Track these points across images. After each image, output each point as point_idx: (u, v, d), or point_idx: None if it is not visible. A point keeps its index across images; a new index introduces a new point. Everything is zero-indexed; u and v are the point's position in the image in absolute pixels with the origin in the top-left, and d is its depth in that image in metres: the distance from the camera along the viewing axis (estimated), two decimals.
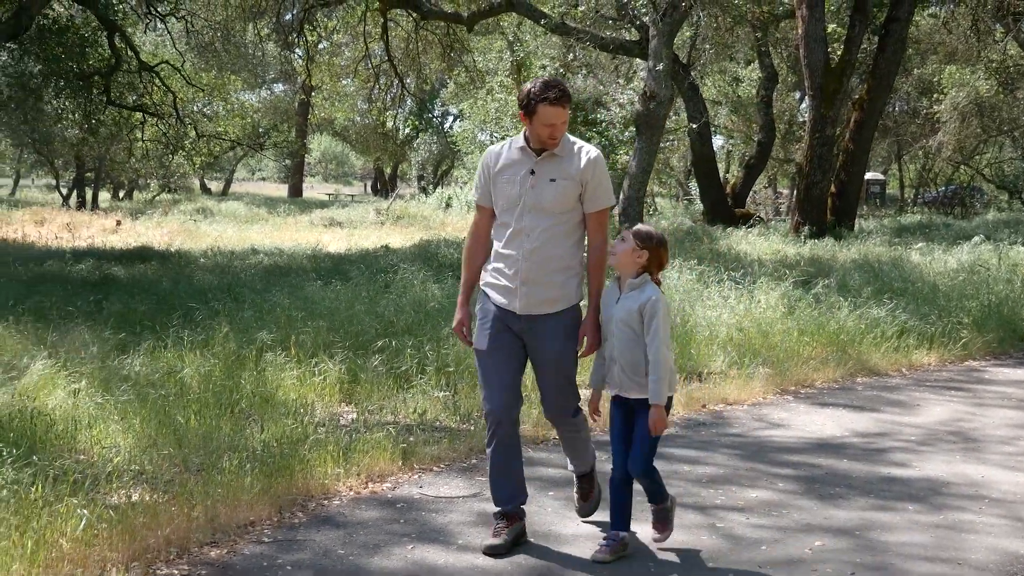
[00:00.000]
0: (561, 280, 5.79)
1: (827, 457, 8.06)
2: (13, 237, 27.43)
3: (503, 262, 5.87)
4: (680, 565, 5.79)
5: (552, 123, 5.68)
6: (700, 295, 12.70)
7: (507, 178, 5.85)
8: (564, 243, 5.80)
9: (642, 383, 5.60)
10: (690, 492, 7.10)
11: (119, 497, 6.23)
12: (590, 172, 5.81)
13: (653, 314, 5.56)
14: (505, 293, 5.85)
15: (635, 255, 5.65)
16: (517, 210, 5.79)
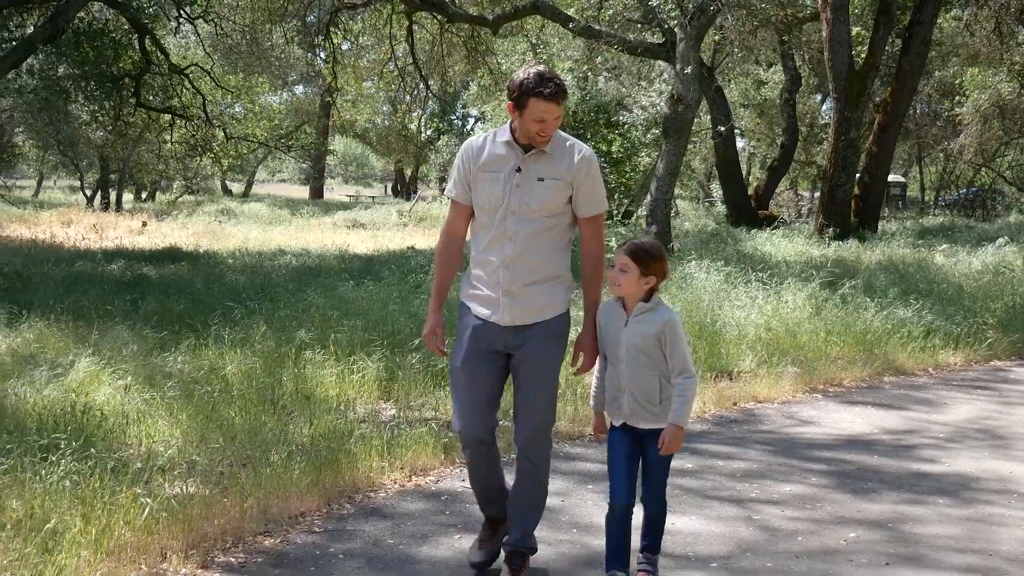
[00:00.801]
0: (546, 289, 5.32)
1: (858, 453, 8.24)
2: (42, 238, 27.72)
3: (483, 269, 5.39)
4: (719, 555, 5.97)
5: (543, 119, 5.14)
6: (728, 295, 12.85)
7: (490, 175, 5.33)
8: (550, 250, 5.31)
9: (656, 412, 5.17)
10: (725, 486, 7.29)
11: (174, 489, 6.43)
12: (583, 173, 5.30)
13: (675, 337, 5.15)
14: (486, 304, 5.37)
15: (642, 283, 5.15)
16: (500, 211, 5.29)
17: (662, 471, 5.33)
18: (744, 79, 40.32)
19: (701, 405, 9.58)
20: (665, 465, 5.32)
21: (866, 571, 5.74)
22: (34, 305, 12.94)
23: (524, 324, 5.32)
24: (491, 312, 5.34)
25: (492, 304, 5.34)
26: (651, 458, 5.27)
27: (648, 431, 5.22)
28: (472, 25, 27.41)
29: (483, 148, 5.41)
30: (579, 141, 5.42)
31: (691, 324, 11.31)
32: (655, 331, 5.12)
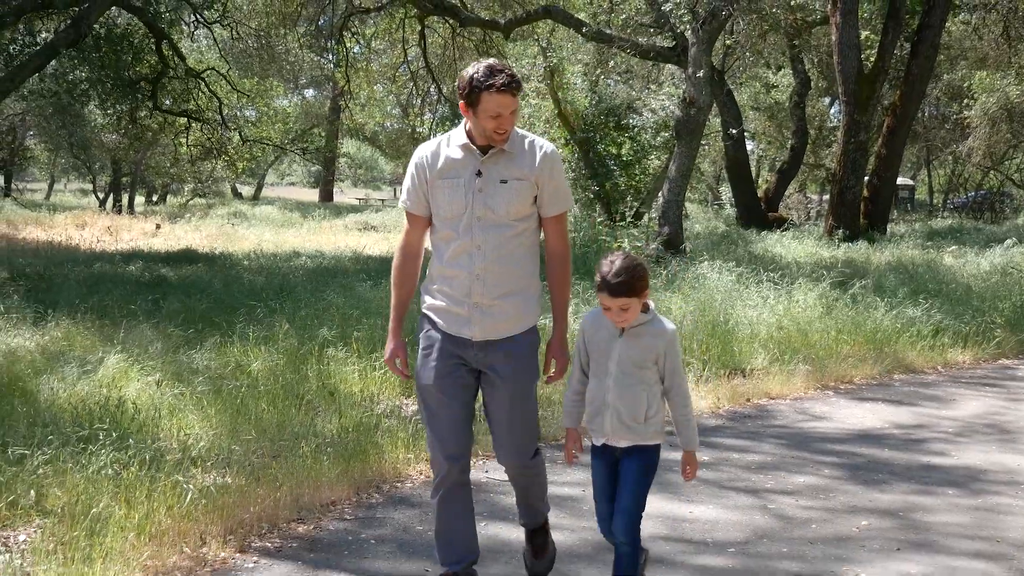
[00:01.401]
0: (519, 300, 5.02)
1: (868, 447, 8.46)
2: (58, 240, 28.01)
3: (448, 284, 5.00)
4: (737, 541, 6.20)
5: (499, 113, 4.79)
6: (740, 295, 13.06)
7: (448, 182, 4.99)
8: (521, 258, 5.03)
9: (638, 430, 4.84)
10: (741, 477, 7.52)
11: (210, 478, 6.67)
12: (547, 170, 4.99)
13: (677, 352, 4.85)
14: (454, 319, 5.00)
15: (642, 299, 4.78)
16: (463, 221, 4.94)
17: (637, 498, 4.90)
18: (753, 83, 40.49)
19: (715, 401, 9.83)
20: (641, 491, 4.91)
21: (878, 556, 5.96)
22: (58, 305, 13.19)
23: (495, 339, 5.00)
24: (460, 327, 4.99)
25: (461, 319, 4.98)
26: (626, 480, 4.90)
27: (627, 449, 4.90)
28: (484, 29, 27.63)
29: (438, 154, 5.05)
30: (539, 138, 5.09)
31: (704, 323, 11.54)
32: (655, 345, 4.79)
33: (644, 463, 4.88)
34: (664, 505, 6.79)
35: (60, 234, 29.92)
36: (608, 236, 17.95)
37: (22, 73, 16.74)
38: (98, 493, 6.02)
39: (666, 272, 14.44)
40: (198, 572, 5.61)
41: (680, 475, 5.16)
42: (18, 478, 6.32)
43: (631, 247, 17.46)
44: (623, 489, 4.89)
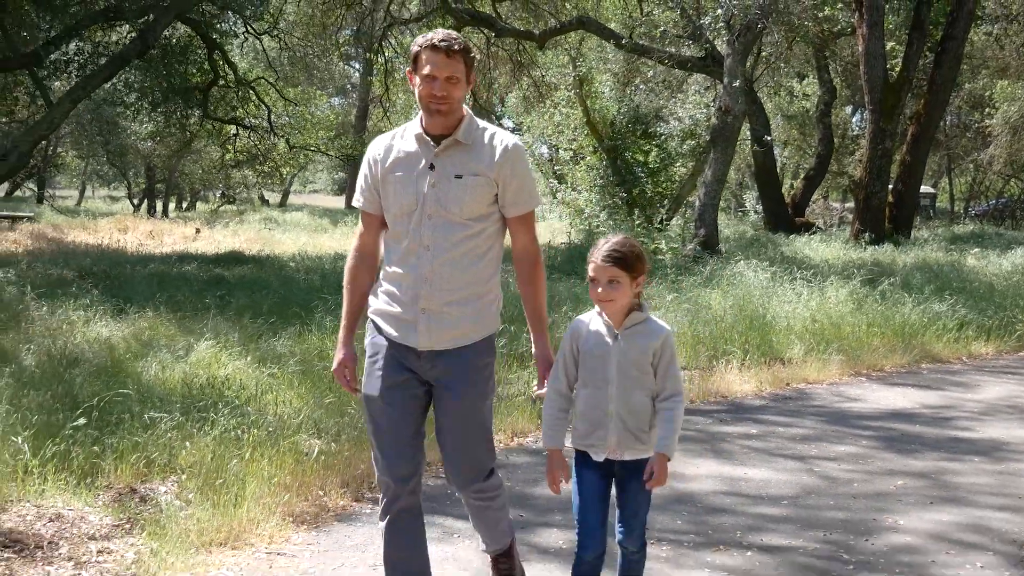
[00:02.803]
0: (474, 310, 4.58)
1: (901, 423, 9.30)
2: (106, 243, 28.95)
3: (396, 285, 4.60)
4: (788, 496, 7.04)
5: (432, 74, 4.39)
6: (775, 292, 13.87)
7: (399, 176, 4.57)
8: (476, 262, 4.56)
9: (643, 439, 4.46)
10: (787, 447, 8.36)
11: (319, 443, 7.52)
12: (508, 167, 4.54)
13: (672, 352, 4.50)
14: (400, 325, 4.58)
15: (634, 287, 4.46)
16: (414, 218, 4.52)
17: (644, 506, 4.59)
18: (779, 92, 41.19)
19: (758, 384, 10.67)
20: (647, 500, 4.58)
21: (913, 508, 6.79)
22: (133, 299, 14.05)
23: (444, 349, 4.56)
24: (406, 335, 4.56)
25: (407, 325, 4.56)
26: (631, 493, 4.54)
27: (629, 463, 4.51)
28: (518, 39, 28.44)
29: (391, 146, 4.66)
30: (502, 130, 4.66)
31: (743, 317, 12.37)
32: (652, 344, 4.44)
33: (644, 474, 4.43)
34: (720, 468, 7.66)
35: (105, 238, 30.84)
36: (645, 238, 18.77)
37: (93, 81, 17.69)
38: (227, 452, 6.89)
39: (706, 270, 15.25)
40: (323, 516, 6.48)
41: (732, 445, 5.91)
42: (150, 441, 7.18)
43: (668, 248, 18.31)
44: (630, 502, 4.54)
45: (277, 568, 5.63)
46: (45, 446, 6.76)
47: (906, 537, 6.21)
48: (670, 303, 12.78)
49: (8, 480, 6.45)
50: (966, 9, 24.34)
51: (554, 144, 39.63)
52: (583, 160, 34.37)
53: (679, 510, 6.71)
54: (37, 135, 17.52)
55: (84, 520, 6.16)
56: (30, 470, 6.54)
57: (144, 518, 6.09)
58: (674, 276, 14.74)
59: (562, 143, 36.95)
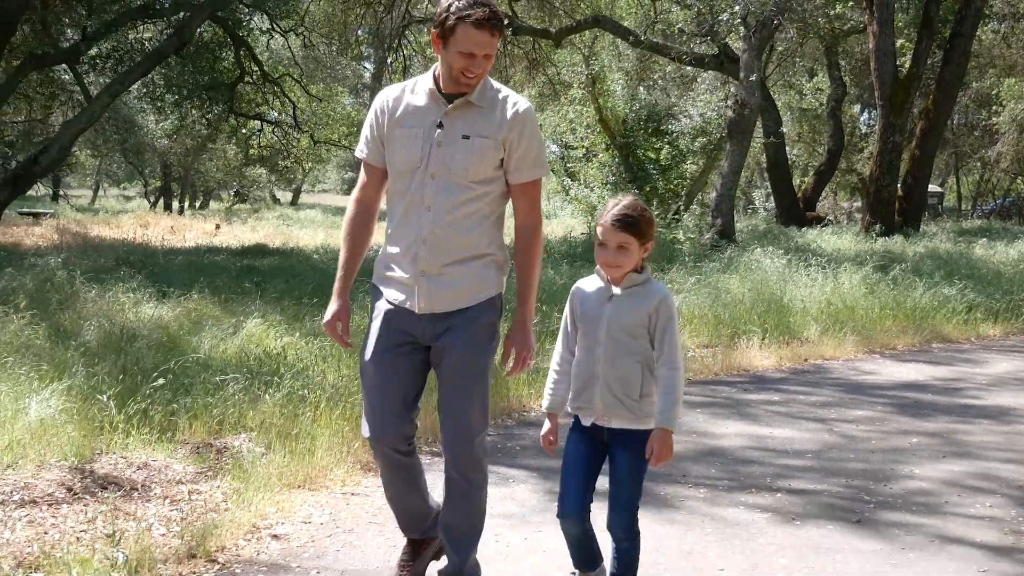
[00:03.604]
0: (474, 272, 4.48)
1: (913, 392, 9.90)
2: (129, 238, 29.57)
3: (397, 245, 4.53)
4: (812, 451, 7.64)
5: (471, 52, 4.26)
6: (791, 277, 14.46)
7: (406, 131, 4.47)
8: (478, 225, 4.46)
9: (631, 407, 4.30)
10: (808, 411, 8.96)
11: None
12: (517, 131, 4.43)
13: (670, 318, 4.30)
14: (400, 287, 4.51)
15: (642, 252, 4.33)
16: (417, 176, 4.43)
17: (633, 489, 4.37)
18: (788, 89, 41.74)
19: (778, 360, 11.26)
20: (637, 481, 4.38)
21: (927, 460, 7.39)
22: (173, 285, 14.65)
23: (445, 312, 4.47)
24: (405, 297, 4.49)
25: (407, 287, 4.48)
26: (621, 471, 4.36)
27: (618, 434, 4.36)
28: (534, 38, 28.98)
29: (400, 99, 4.53)
30: (515, 94, 4.56)
31: (761, 300, 12.96)
32: (648, 307, 4.28)
33: (639, 453, 4.29)
34: (746, 428, 8.28)
35: (127, 233, 31.46)
36: (662, 229, 19.39)
37: (131, 77, 18.33)
38: (296, 409, 7.50)
39: (724, 257, 15.87)
40: (372, 468, 7.09)
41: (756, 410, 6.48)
42: (219, 402, 7.79)
43: (685, 238, 18.96)
44: (620, 484, 4.34)
45: (354, 505, 6.24)
46: (127, 404, 7.37)
47: (921, 483, 6.81)
48: (692, 286, 13.38)
49: (96, 434, 7.05)
50: (974, 7, 24.90)
51: (566, 142, 40.30)
52: (595, 158, 35.00)
53: (712, 461, 7.31)
54: (77, 129, 18.14)
55: (169, 468, 6.76)
56: (115, 425, 7.14)
57: (225, 466, 6.69)
58: (693, 263, 15.33)
59: (575, 141, 37.61)
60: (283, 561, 5.25)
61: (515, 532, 5.68)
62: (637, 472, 4.34)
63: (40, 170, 18.40)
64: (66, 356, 8.81)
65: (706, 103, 32.22)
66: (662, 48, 25.25)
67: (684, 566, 5.26)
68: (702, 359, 11.03)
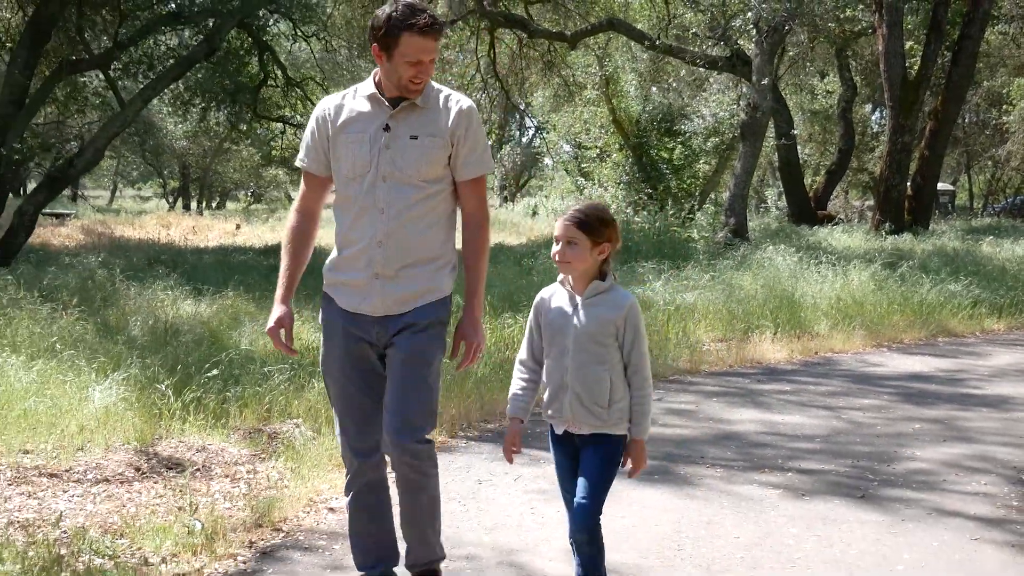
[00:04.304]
0: (428, 273, 4.53)
1: (918, 383, 10.44)
2: (153, 237, 30.21)
3: (349, 250, 4.58)
4: (820, 435, 8.18)
5: (419, 59, 4.34)
6: (802, 274, 15.00)
7: (352, 136, 4.51)
8: (432, 225, 4.54)
9: (600, 415, 4.32)
10: (817, 400, 9.51)
11: None
12: (463, 127, 4.52)
13: (637, 327, 4.34)
14: (352, 292, 4.57)
15: (595, 252, 4.32)
16: (367, 179, 4.47)
17: (596, 487, 4.35)
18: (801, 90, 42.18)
19: (789, 353, 11.81)
20: (603, 482, 4.37)
21: (929, 444, 7.94)
22: (207, 283, 15.23)
23: (399, 313, 4.52)
24: (360, 300, 4.54)
25: (361, 291, 4.54)
26: (586, 467, 4.38)
27: (588, 438, 4.39)
28: (550, 40, 29.47)
29: (342, 106, 4.59)
30: (457, 92, 4.65)
31: (773, 297, 13.51)
32: (613, 316, 4.31)
33: (606, 454, 4.36)
34: (759, 415, 8.84)
35: (150, 233, 32.11)
36: (677, 228, 19.99)
37: (162, 82, 18.93)
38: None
39: (737, 255, 16.43)
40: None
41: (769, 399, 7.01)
42: (267, 391, 8.36)
43: (699, 236, 19.53)
44: (582, 482, 4.35)
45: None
46: (183, 394, 7.94)
47: (922, 464, 7.35)
48: (706, 283, 13.94)
49: (155, 421, 7.63)
50: (981, 10, 25.36)
51: (579, 143, 40.82)
52: (609, 158, 35.55)
53: (728, 444, 7.87)
54: (111, 132, 18.72)
55: (225, 451, 7.34)
56: (173, 412, 7.72)
57: (278, 449, 7.26)
58: (708, 260, 15.89)
59: (589, 141, 38.14)
60: (340, 530, 5.80)
61: (548, 506, 6.24)
62: (604, 475, 4.35)
63: (75, 172, 18.99)
64: (116, 350, 9.39)
65: (718, 103, 32.82)
66: (677, 51, 25.76)
67: (703, 534, 5.80)
68: (717, 352, 11.60)
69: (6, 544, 5.20)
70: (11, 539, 5.33)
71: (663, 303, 12.70)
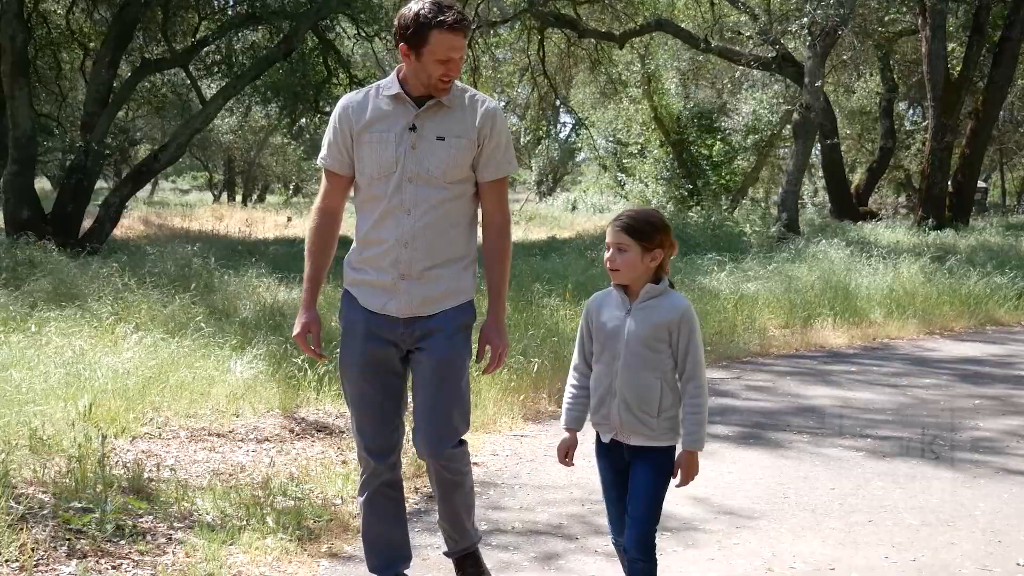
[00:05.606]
0: (454, 274, 4.49)
1: (973, 366, 11.32)
2: (208, 229, 31.12)
3: (373, 250, 4.50)
4: (890, 410, 9.07)
5: (448, 57, 4.30)
6: (854, 266, 15.86)
7: (377, 136, 4.44)
8: (457, 224, 4.50)
9: (650, 424, 4.17)
10: (881, 380, 10.40)
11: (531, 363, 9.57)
12: (488, 127, 4.48)
13: (692, 331, 4.18)
14: (377, 293, 4.49)
15: (647, 259, 4.17)
16: (393, 180, 4.41)
17: (651, 505, 4.23)
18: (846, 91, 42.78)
19: (849, 339, 12.71)
20: (655, 497, 4.24)
21: (989, 416, 8.83)
22: (291, 272, 16.10)
23: (424, 315, 4.47)
24: (385, 301, 4.47)
25: (385, 292, 4.47)
26: (639, 486, 4.23)
27: (638, 450, 4.23)
28: (598, 40, 30.24)
29: (365, 104, 4.51)
30: (481, 92, 4.65)
31: (830, 287, 14.36)
32: (667, 320, 4.16)
33: (657, 468, 4.22)
34: (831, 392, 9.74)
35: (205, 225, 33.03)
36: (731, 222, 20.89)
37: (242, 81, 19.91)
38: None
39: (792, 248, 17.36)
40: (541, 417, 8.59)
41: (838, 378, 7.79)
42: None
43: (751, 231, 20.42)
44: (636, 498, 4.22)
45: (525, 443, 7.76)
46: (315, 367, 8.86)
47: (985, 433, 8.24)
48: (765, 274, 14.83)
49: (294, 391, 8.54)
50: (1023, 12, 26.06)
51: (618, 139, 41.62)
52: (650, 154, 36.37)
53: (808, 415, 8.77)
54: (193, 128, 19.75)
55: None
56: (309, 383, 8.64)
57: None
58: (764, 253, 16.79)
59: (630, 138, 38.95)
60: (489, 480, 6.73)
61: None
62: (655, 488, 4.22)
63: (159, 166, 20.03)
64: (232, 329, 10.31)
65: (758, 101, 33.59)
66: (728, 52, 26.65)
67: (803, 486, 6.70)
68: (783, 337, 12.49)
69: (210, 488, 6.12)
70: (212, 484, 6.25)
71: (728, 292, 13.57)
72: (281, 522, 5.60)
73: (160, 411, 7.82)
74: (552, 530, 5.85)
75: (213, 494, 5.96)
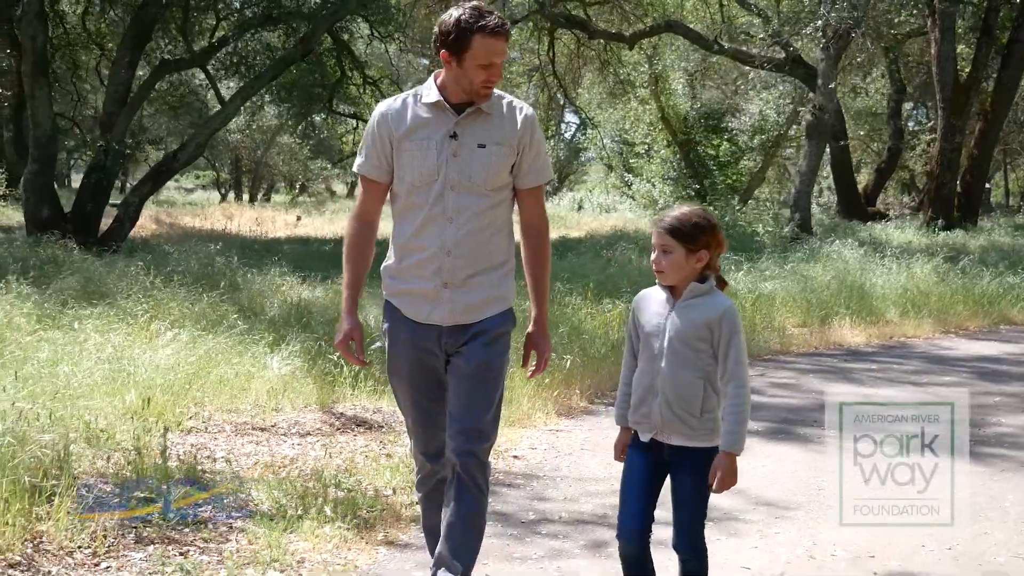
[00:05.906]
0: (495, 281, 4.50)
1: (990, 364, 11.53)
2: (219, 228, 31.32)
3: (414, 258, 4.48)
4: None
5: (491, 62, 4.29)
6: (868, 266, 16.05)
7: (417, 144, 4.42)
8: (498, 231, 4.51)
9: (694, 425, 4.16)
10: (903, 378, 10.61)
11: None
12: (528, 135, 4.49)
13: (733, 331, 4.15)
14: (420, 302, 4.48)
15: (692, 261, 4.17)
16: (435, 188, 4.39)
17: (697, 511, 4.25)
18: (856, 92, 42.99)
19: (867, 337, 12.91)
20: (701, 502, 4.24)
21: (1011, 413, 9.05)
22: (310, 271, 16.31)
23: (466, 323, 4.47)
24: (428, 311, 4.46)
25: (428, 301, 4.46)
26: (679, 486, 4.24)
27: (680, 452, 4.20)
28: (608, 41, 30.43)
29: (404, 112, 4.48)
30: (516, 98, 4.61)
31: (844, 287, 14.55)
32: (708, 319, 4.14)
33: (699, 470, 4.17)
34: (854, 389, 9.96)
35: (215, 223, 33.23)
36: (745, 223, 21.10)
37: (260, 82, 20.14)
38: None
39: (806, 248, 17.58)
40: (574, 412, 8.79)
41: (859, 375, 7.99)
42: None
43: (764, 231, 20.63)
44: (683, 505, 4.23)
45: (561, 437, 7.96)
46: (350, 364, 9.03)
47: (1008, 429, 8.46)
48: (782, 273, 15.03)
49: (330, 387, 8.73)
50: None
51: (625, 139, 41.78)
52: (657, 154, 36.57)
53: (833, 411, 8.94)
54: (212, 128, 19.97)
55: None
56: (344, 380, 8.83)
57: None
58: (778, 253, 16.99)
59: (636, 137, 39.14)
60: (530, 472, 6.93)
61: None
62: (701, 493, 4.19)
63: (178, 165, 20.24)
64: (261, 327, 10.47)
65: (765, 101, 33.80)
66: (738, 54, 26.88)
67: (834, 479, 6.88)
68: (801, 336, 12.69)
69: (262, 479, 6.32)
70: (263, 476, 6.45)
71: (745, 291, 13.75)
72: (338, 511, 5.79)
73: (203, 406, 8.01)
74: (598, 520, 6.07)
75: (267, 485, 6.15)
